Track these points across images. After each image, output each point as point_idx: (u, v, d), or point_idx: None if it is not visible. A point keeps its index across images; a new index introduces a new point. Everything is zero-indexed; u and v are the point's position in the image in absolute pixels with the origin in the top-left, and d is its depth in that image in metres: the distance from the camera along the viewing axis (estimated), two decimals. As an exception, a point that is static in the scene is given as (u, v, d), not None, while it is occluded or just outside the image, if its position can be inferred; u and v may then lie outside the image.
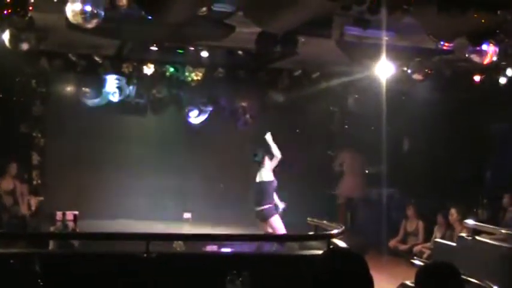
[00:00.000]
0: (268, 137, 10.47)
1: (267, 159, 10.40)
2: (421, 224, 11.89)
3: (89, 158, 12.39)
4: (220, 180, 13.08)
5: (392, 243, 11.97)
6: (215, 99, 13.15)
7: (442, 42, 9.03)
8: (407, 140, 14.16)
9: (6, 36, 8.24)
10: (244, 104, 13.34)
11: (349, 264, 2.65)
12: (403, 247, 11.80)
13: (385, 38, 8.66)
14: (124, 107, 12.71)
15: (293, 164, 13.02)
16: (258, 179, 10.39)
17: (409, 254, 11.40)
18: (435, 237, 10.93)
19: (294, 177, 12.93)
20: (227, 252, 7.54)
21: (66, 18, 6.90)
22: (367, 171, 14.00)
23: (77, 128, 12.32)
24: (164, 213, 12.60)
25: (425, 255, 10.98)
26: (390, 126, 11.27)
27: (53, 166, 12.15)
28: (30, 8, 6.51)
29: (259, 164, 10.38)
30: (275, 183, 10.44)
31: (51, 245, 7.93)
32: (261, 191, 10.34)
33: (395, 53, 9.53)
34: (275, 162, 10.43)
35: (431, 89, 11.77)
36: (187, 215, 12.71)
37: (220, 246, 8.16)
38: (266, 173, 10.38)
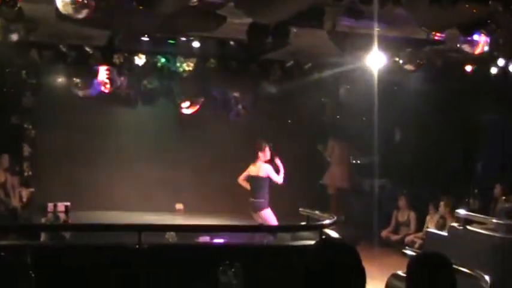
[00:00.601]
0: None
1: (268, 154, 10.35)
2: (412, 215, 11.95)
3: (80, 149, 12.36)
4: (212, 171, 13.07)
5: (384, 233, 12.03)
6: (207, 90, 13.11)
7: (433, 33, 9.03)
8: (399, 131, 14.20)
9: (-5, 27, 8.20)
10: (236, 94, 13.31)
11: (341, 255, 2.65)
12: (395, 237, 11.85)
13: (376, 28, 8.65)
14: (115, 98, 12.65)
15: (285, 155, 13.05)
16: (255, 173, 10.33)
17: (401, 245, 11.46)
18: (427, 227, 10.98)
19: (286, 168, 12.93)
20: (219, 243, 7.55)
21: (56, 9, 6.86)
22: (358, 162, 14.04)
23: (68, 120, 12.29)
24: (156, 204, 12.60)
25: (416, 245, 11.03)
26: (382, 117, 11.27)
27: (44, 158, 12.12)
28: (20, -2, 6.47)
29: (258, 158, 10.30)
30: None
31: (43, 236, 7.92)
32: (259, 185, 10.31)
33: (386, 43, 9.52)
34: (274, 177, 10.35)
35: (422, 79, 11.78)
36: (179, 206, 12.71)
37: (212, 237, 8.16)
38: (265, 169, 10.32)
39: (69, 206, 11.48)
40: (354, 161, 14.22)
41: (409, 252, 10.67)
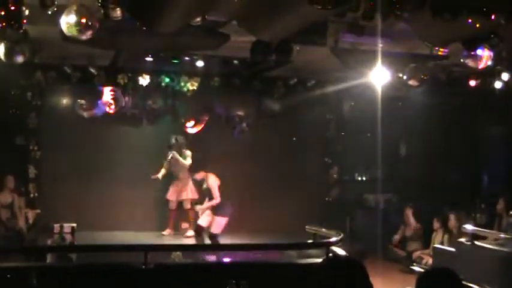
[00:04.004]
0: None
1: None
2: (419, 229, 11.87)
3: (85, 169, 12.35)
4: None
5: (395, 240, 11.93)
6: (211, 108, 13.13)
7: (436, 48, 9.04)
8: (403, 146, 14.18)
9: (1, 49, 8.22)
10: (240, 112, 13.32)
11: (349, 271, 2.64)
12: (402, 252, 11.77)
13: (379, 44, 8.66)
14: (120, 118, 12.68)
15: (289, 172, 13.06)
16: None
17: (408, 260, 11.38)
18: (433, 243, 10.93)
19: (291, 186, 12.93)
20: (225, 262, 7.53)
21: (61, 30, 6.90)
22: (363, 178, 14.04)
23: (73, 140, 12.28)
24: (161, 224, 12.57)
25: (424, 261, 10.97)
26: (386, 132, 11.27)
27: (49, 178, 12.11)
28: (25, 21, 6.50)
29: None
30: None
31: (49, 258, 7.90)
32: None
33: (390, 59, 9.53)
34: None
35: (426, 94, 11.79)
36: (184, 225, 12.67)
37: (218, 256, 8.14)
38: None
39: (75, 227, 11.45)
40: (359, 177, 14.22)
41: (417, 268, 10.60)
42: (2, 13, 6.10)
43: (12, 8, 6.13)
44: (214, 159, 12.62)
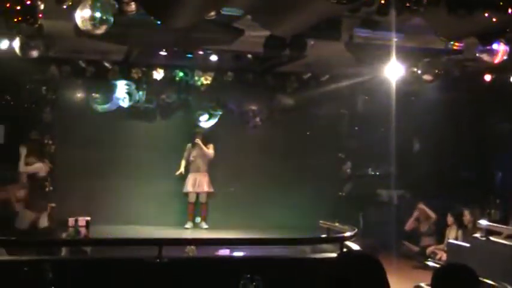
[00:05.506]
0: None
1: None
2: (433, 225, 11.82)
3: (99, 163, 12.38)
4: (230, 184, 13.06)
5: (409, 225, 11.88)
6: (224, 102, 13.14)
7: (451, 43, 8.99)
8: (417, 141, 14.12)
9: (16, 43, 8.27)
10: (253, 107, 13.32)
11: (366, 267, 2.63)
12: (415, 248, 11.73)
13: (394, 39, 8.63)
14: (133, 113, 12.72)
15: (302, 167, 13.05)
16: None
17: (421, 256, 11.34)
18: (447, 238, 10.88)
19: (305, 180, 12.91)
20: (240, 256, 7.52)
21: (75, 25, 6.92)
22: (377, 173, 13.99)
23: (87, 134, 12.32)
24: (176, 218, 12.61)
25: (438, 257, 10.93)
26: (399, 128, 11.23)
27: (64, 172, 12.15)
28: (40, 15, 6.52)
29: None
30: None
31: (64, 251, 7.94)
32: None
33: (404, 54, 9.49)
34: None
35: (440, 89, 11.73)
36: (197, 220, 12.70)
37: (232, 250, 8.13)
38: None
39: (89, 221, 11.50)
40: (372, 172, 14.17)
41: (432, 264, 10.55)
42: (18, 7, 6.12)
43: (28, 2, 6.15)
44: (227, 154, 12.68)
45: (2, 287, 5.42)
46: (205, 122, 13.03)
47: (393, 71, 10.13)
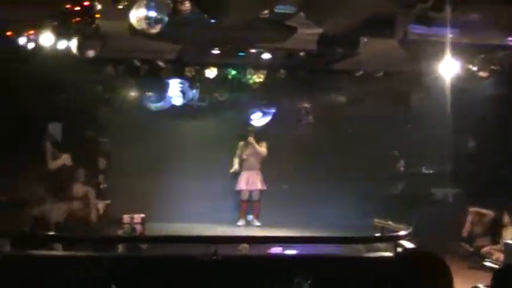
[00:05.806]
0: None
1: None
2: (488, 225, 11.57)
3: (153, 161, 12.54)
4: (283, 181, 13.06)
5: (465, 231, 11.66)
6: (276, 100, 13.15)
7: (509, 38, 8.80)
8: (472, 139, 13.84)
9: (73, 43, 8.42)
10: (306, 105, 13.30)
11: (429, 266, 2.59)
12: (469, 248, 11.51)
13: (449, 35, 8.49)
14: (187, 111, 12.83)
15: (357, 165, 12.95)
16: None
17: (476, 256, 11.11)
18: (504, 239, 10.64)
19: (356, 179, 12.81)
20: (293, 255, 7.51)
21: (130, 24, 7.01)
22: (430, 171, 13.78)
23: (141, 132, 12.49)
24: (229, 215, 12.67)
25: (495, 257, 10.70)
26: (454, 125, 11.04)
27: (118, 170, 12.34)
28: (97, 15, 6.64)
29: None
30: None
31: (119, 248, 8.06)
32: None
33: (459, 50, 9.33)
34: None
35: (496, 86, 11.48)
36: (249, 217, 12.73)
37: (285, 249, 8.13)
38: None
39: (144, 218, 11.63)
40: (426, 171, 13.97)
41: (489, 264, 10.33)
42: (77, 8, 6.24)
43: (86, 3, 6.27)
44: (279, 152, 12.69)
45: (59, 283, 5.54)
46: (258, 120, 13.06)
47: (448, 68, 9.97)
